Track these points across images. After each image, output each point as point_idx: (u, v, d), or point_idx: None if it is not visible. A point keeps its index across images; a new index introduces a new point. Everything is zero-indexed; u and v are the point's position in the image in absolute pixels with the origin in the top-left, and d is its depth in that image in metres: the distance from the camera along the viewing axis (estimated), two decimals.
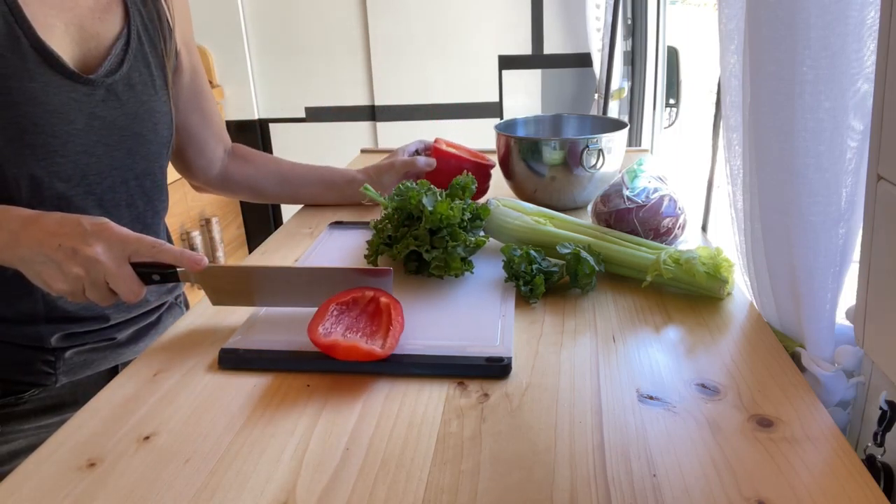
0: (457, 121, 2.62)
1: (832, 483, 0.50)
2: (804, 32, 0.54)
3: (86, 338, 0.87)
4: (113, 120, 0.81)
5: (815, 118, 0.56)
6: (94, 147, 0.80)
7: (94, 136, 0.80)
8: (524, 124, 1.26)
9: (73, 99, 0.77)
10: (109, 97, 0.81)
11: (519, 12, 2.47)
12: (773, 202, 0.64)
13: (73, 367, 0.87)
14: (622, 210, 0.90)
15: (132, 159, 0.85)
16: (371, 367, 0.67)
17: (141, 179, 0.87)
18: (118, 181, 0.84)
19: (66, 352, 0.85)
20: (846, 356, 0.63)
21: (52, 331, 0.83)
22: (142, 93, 0.85)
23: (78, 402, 0.68)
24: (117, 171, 0.84)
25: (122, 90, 0.82)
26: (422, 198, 0.85)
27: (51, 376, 0.85)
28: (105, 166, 0.82)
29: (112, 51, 0.81)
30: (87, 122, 0.79)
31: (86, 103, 0.78)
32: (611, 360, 0.68)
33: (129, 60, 0.83)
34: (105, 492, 0.52)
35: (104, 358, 0.90)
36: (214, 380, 0.67)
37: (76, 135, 0.78)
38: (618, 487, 0.50)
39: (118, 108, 0.82)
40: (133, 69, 0.84)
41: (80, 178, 0.80)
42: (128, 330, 0.92)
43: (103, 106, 0.80)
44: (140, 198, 0.88)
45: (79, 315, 0.85)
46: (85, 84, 0.78)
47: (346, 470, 0.54)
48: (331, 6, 2.52)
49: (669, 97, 2.04)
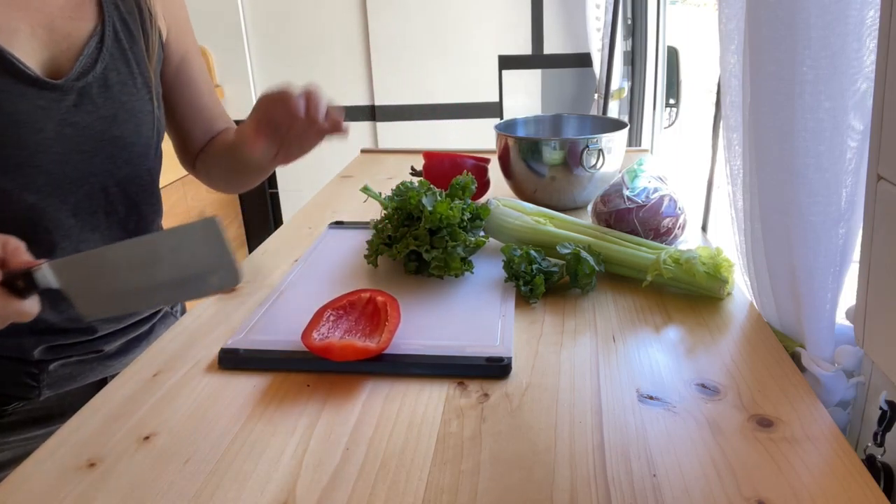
0: (457, 121, 2.62)
1: (832, 483, 0.50)
2: (804, 32, 0.54)
3: (71, 350, 0.83)
4: (87, 125, 0.76)
5: (815, 118, 0.56)
6: (67, 155, 0.75)
7: (67, 144, 0.74)
8: (524, 124, 1.26)
9: (41, 107, 0.71)
10: (82, 101, 0.75)
11: (519, 12, 2.47)
12: (773, 202, 0.64)
13: (58, 380, 0.83)
14: (622, 210, 0.90)
15: (112, 164, 0.80)
16: (371, 367, 0.67)
17: (124, 185, 0.82)
18: (96, 189, 0.79)
19: (50, 364, 0.82)
20: (846, 356, 0.63)
21: (35, 343, 0.80)
22: (120, 93, 0.79)
23: (65, 414, 0.63)
24: (96, 178, 0.78)
25: (96, 92, 0.76)
26: (421, 198, 0.85)
27: (34, 389, 0.82)
28: (81, 174, 0.77)
29: (84, 51, 0.76)
30: (57, 129, 0.73)
31: (55, 110, 0.73)
32: (611, 360, 0.68)
33: (104, 59, 0.77)
34: (105, 492, 0.52)
35: (91, 370, 0.86)
36: (214, 380, 0.67)
37: (46, 144, 0.73)
38: (618, 487, 0.50)
39: (93, 112, 0.76)
40: (109, 68, 0.78)
41: (53, 188, 0.75)
42: (116, 342, 0.88)
43: (75, 111, 0.74)
44: (122, 204, 0.83)
45: (64, 327, 0.81)
46: (52, 90, 0.72)
47: (346, 470, 0.54)
48: (331, 6, 2.52)
49: (669, 97, 2.04)
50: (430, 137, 2.61)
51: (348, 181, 1.37)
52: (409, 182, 0.92)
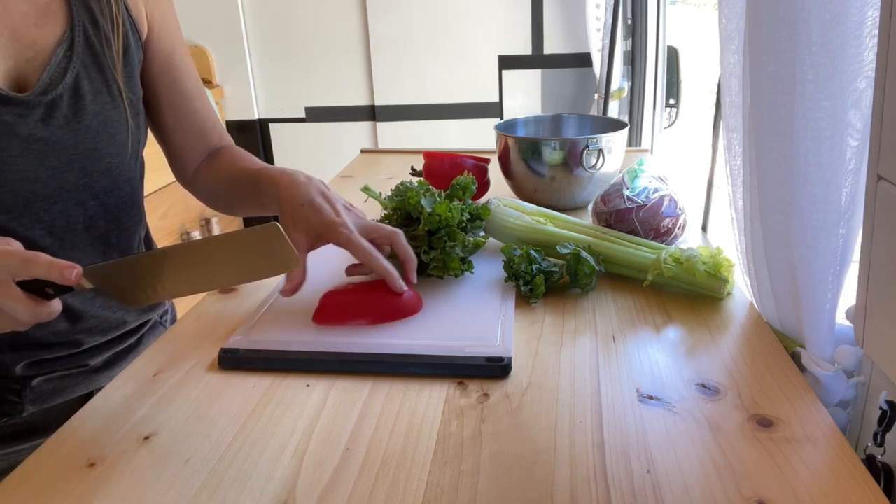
0: (457, 121, 2.62)
1: (832, 483, 0.50)
2: (804, 32, 0.54)
3: (55, 364, 0.80)
4: (57, 140, 0.71)
5: (815, 118, 0.56)
6: (36, 172, 0.70)
7: (35, 161, 0.70)
8: (524, 124, 1.26)
9: (5, 122, 0.67)
10: (51, 115, 0.70)
11: (519, 12, 2.47)
12: (773, 202, 0.64)
13: (41, 396, 0.80)
14: (622, 210, 0.90)
15: (88, 178, 0.75)
16: (371, 366, 0.67)
17: (102, 198, 0.77)
18: (72, 204, 0.74)
19: (33, 380, 0.79)
20: (846, 356, 0.63)
21: (17, 359, 0.76)
22: (93, 102, 0.73)
23: (51, 428, 0.61)
24: (70, 194, 0.74)
25: (66, 104, 0.71)
26: (420, 199, 0.85)
27: (17, 405, 0.78)
28: (53, 190, 0.72)
29: (52, 60, 0.70)
30: (24, 146, 0.68)
31: (21, 125, 0.68)
32: (611, 360, 0.68)
33: (74, 68, 0.71)
34: (105, 492, 0.52)
35: (76, 385, 0.83)
36: (214, 380, 0.67)
37: (12, 162, 0.68)
38: (618, 487, 0.50)
39: (63, 125, 0.71)
40: (81, 77, 0.72)
41: (24, 207, 0.70)
42: (102, 355, 0.84)
43: (43, 126, 0.70)
44: (102, 218, 0.78)
45: (47, 341, 0.78)
46: (17, 104, 0.67)
47: (346, 470, 0.54)
48: (331, 6, 2.52)
49: (669, 97, 2.04)
50: (430, 137, 2.61)
51: (348, 181, 1.37)
52: (409, 182, 0.92)
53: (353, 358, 0.68)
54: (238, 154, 0.92)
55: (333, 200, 0.78)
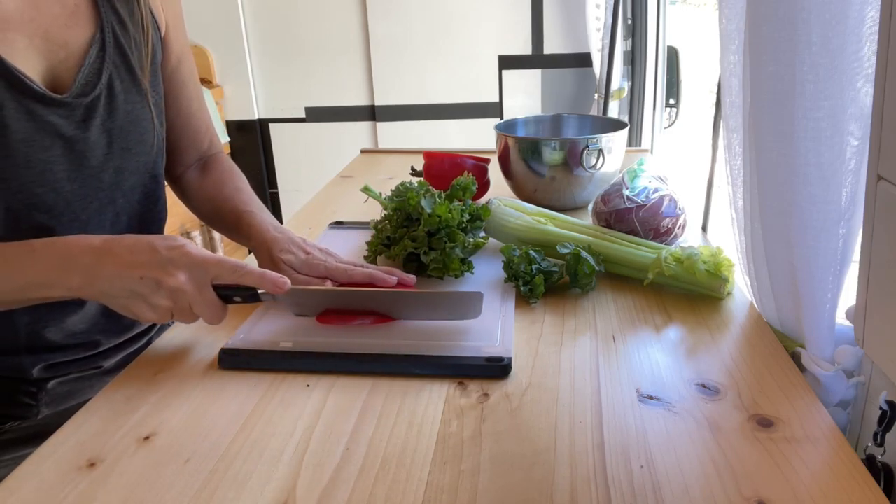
0: (457, 121, 2.62)
1: (832, 483, 0.50)
2: (804, 32, 0.54)
3: (70, 367, 0.81)
4: (95, 140, 0.73)
5: (815, 118, 0.56)
6: (76, 172, 0.72)
7: (76, 161, 0.72)
8: (524, 124, 1.26)
9: (49, 123, 0.68)
10: (90, 116, 0.72)
11: (519, 12, 2.47)
12: (773, 202, 0.64)
13: (56, 398, 0.82)
14: (622, 210, 0.90)
15: (120, 177, 0.77)
16: (371, 366, 0.67)
17: (129, 196, 0.80)
18: (105, 202, 0.77)
19: (48, 382, 0.80)
20: (846, 356, 0.63)
21: (34, 361, 0.78)
22: (125, 102, 0.75)
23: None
24: (105, 193, 0.76)
25: (103, 105, 0.73)
26: (420, 199, 0.85)
27: (32, 408, 0.80)
28: (90, 190, 0.74)
29: (85, 61, 0.71)
30: (66, 146, 0.70)
31: (63, 126, 0.70)
32: (611, 360, 0.68)
33: (107, 69, 0.73)
34: (105, 492, 0.52)
35: (90, 387, 0.84)
36: (214, 380, 0.67)
37: (56, 161, 0.70)
38: (618, 487, 0.50)
39: (100, 125, 0.73)
40: (114, 77, 0.74)
41: (64, 206, 0.72)
42: (116, 357, 0.86)
43: (84, 127, 0.71)
44: (125, 213, 0.80)
45: (64, 344, 0.79)
46: (59, 106, 0.69)
47: (346, 470, 0.54)
48: (331, 6, 2.52)
49: (669, 97, 2.04)
50: (430, 137, 2.61)
51: (348, 181, 1.37)
52: (409, 182, 0.92)
53: (353, 358, 0.68)
54: (226, 176, 0.94)
55: (308, 246, 0.82)
